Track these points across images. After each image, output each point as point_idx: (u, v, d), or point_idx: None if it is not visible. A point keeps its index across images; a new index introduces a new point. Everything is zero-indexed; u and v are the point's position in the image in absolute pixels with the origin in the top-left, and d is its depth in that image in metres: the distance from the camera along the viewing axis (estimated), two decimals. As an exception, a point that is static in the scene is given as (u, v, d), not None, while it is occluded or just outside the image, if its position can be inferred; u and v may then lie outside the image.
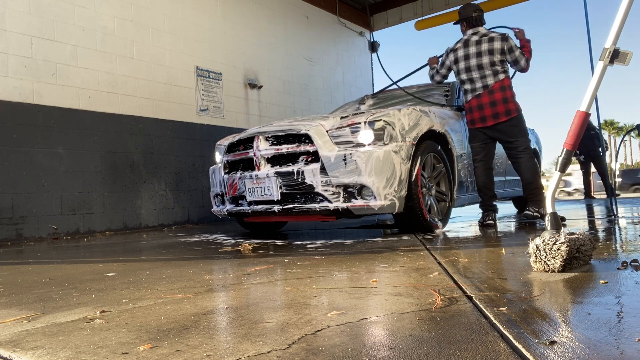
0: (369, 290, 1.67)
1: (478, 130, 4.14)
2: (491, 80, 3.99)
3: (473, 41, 4.05)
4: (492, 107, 4.01)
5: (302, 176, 3.48)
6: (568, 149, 2.09)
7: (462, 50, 4.10)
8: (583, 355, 0.96)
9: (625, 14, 1.99)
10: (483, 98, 4.02)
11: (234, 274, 2.20)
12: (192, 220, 6.52)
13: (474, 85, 4.06)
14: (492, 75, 3.98)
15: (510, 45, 3.97)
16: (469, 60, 4.04)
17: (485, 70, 3.98)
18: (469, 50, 4.05)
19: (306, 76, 8.73)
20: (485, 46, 3.98)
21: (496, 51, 3.96)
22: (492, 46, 3.97)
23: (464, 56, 4.07)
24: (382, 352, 1.03)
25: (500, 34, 4.02)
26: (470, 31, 4.12)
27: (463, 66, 4.08)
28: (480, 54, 3.99)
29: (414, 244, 2.96)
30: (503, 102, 3.99)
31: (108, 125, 5.60)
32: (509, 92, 4.02)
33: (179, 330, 1.27)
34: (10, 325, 1.43)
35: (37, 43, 5.02)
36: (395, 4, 10.17)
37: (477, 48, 4.01)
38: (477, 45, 4.02)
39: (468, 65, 4.05)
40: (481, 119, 4.06)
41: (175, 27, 6.46)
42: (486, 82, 3.99)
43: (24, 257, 3.42)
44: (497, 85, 3.99)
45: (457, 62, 4.13)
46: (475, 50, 4.01)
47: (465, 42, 4.10)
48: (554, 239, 1.86)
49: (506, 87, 4.02)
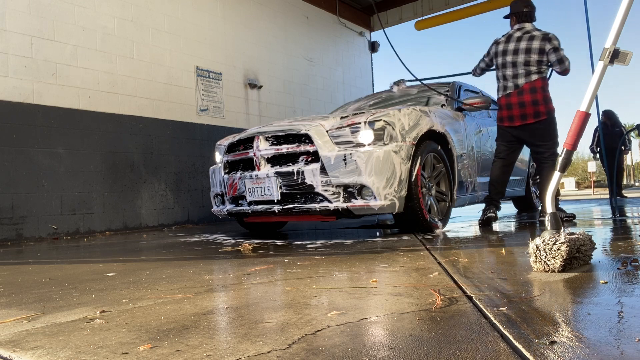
0: (369, 290, 1.67)
1: (505, 129, 4.09)
2: (522, 81, 3.91)
3: (515, 37, 3.96)
4: (520, 107, 3.93)
5: (302, 176, 3.48)
6: (568, 149, 2.09)
7: (503, 44, 4.03)
8: (583, 355, 0.96)
9: (625, 14, 1.99)
10: (512, 97, 3.96)
11: (234, 274, 2.20)
12: (192, 220, 6.52)
13: (506, 83, 4.00)
14: (524, 76, 3.90)
15: (554, 46, 3.83)
16: (506, 57, 3.97)
17: (519, 68, 3.90)
18: (509, 46, 3.97)
19: (306, 76, 8.73)
20: (524, 44, 3.89)
21: (533, 51, 3.85)
22: (530, 45, 3.86)
23: (503, 51, 4.00)
24: (382, 352, 1.03)
25: (543, 34, 3.88)
26: (516, 26, 4.02)
27: (500, 61, 4.02)
28: (517, 52, 3.90)
29: (414, 244, 2.96)
30: (532, 104, 3.89)
31: (108, 125, 5.60)
32: (539, 95, 3.88)
33: (179, 330, 1.27)
34: (10, 325, 1.43)
35: (37, 43, 5.02)
36: (395, 4, 10.17)
37: (516, 45, 3.93)
38: (517, 42, 3.93)
39: (504, 61, 3.98)
40: (509, 118, 4.01)
41: (175, 27, 6.46)
42: (517, 82, 3.93)
43: (24, 257, 3.42)
44: (528, 86, 3.90)
45: (497, 56, 4.07)
46: (514, 47, 3.93)
47: (509, 37, 4.02)
48: (554, 239, 1.86)
49: (537, 89, 3.89)
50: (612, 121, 9.09)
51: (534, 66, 3.89)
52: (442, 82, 5.08)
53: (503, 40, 4.05)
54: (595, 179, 25.36)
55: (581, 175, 36.71)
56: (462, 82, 5.06)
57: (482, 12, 9.18)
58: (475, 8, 9.23)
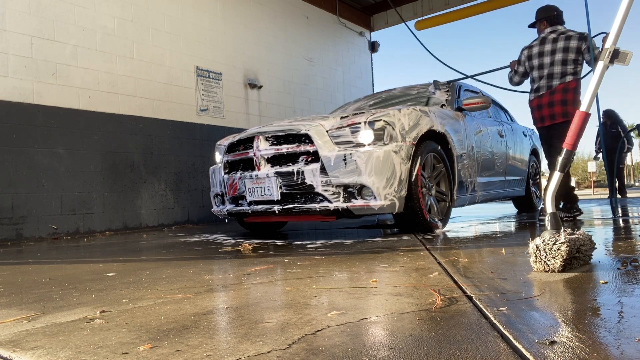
0: (369, 290, 1.67)
1: (540, 131, 4.20)
2: (556, 82, 3.99)
3: (550, 39, 4.04)
4: (549, 107, 3.98)
5: (302, 176, 3.48)
6: (568, 149, 2.09)
7: (537, 47, 4.10)
8: (583, 355, 0.96)
9: (625, 14, 1.99)
10: (543, 98, 4.04)
11: (234, 274, 2.20)
12: (192, 220, 6.52)
13: (540, 84, 4.07)
14: (560, 77, 3.98)
15: (588, 45, 3.92)
16: (543, 58, 4.04)
17: (555, 68, 3.97)
18: (544, 48, 4.05)
19: (306, 76, 8.73)
20: (561, 44, 3.97)
21: (571, 50, 3.93)
22: (568, 44, 3.95)
23: (538, 53, 4.08)
24: (382, 352, 1.03)
25: (579, 33, 3.97)
26: (549, 29, 4.10)
27: (537, 63, 4.09)
28: (555, 52, 3.98)
29: (414, 244, 2.96)
30: (561, 104, 3.94)
31: (108, 125, 5.60)
32: (570, 95, 3.93)
33: (179, 330, 1.27)
34: (10, 325, 1.43)
35: (37, 43, 5.02)
36: (395, 4, 10.17)
37: (552, 46, 4.00)
38: (553, 42, 4.01)
39: (541, 62, 4.06)
40: (540, 119, 4.10)
41: (175, 27, 6.46)
42: (551, 83, 4.01)
43: (24, 257, 3.42)
44: (561, 86, 3.97)
45: (530, 59, 4.14)
46: (551, 48, 4.01)
47: (542, 39, 4.09)
48: (554, 239, 1.86)
49: (569, 90, 3.93)
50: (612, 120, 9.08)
51: (571, 65, 3.95)
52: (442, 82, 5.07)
53: (536, 44, 4.13)
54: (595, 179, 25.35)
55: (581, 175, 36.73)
56: (462, 82, 5.06)
57: (482, 12, 9.19)
58: (475, 8, 9.23)
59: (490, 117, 5.15)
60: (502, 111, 5.94)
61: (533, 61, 4.12)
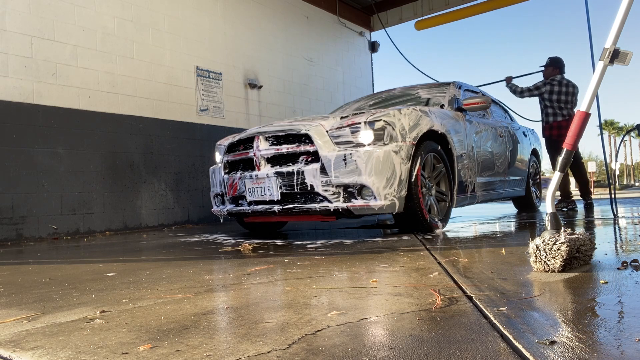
0: (369, 290, 1.67)
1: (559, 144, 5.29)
2: (572, 112, 5.76)
3: (564, 83, 5.86)
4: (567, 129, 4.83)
5: (302, 176, 3.48)
6: (568, 149, 2.09)
7: (557, 86, 5.84)
8: (583, 355, 0.96)
9: (625, 14, 1.99)
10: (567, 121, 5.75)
11: (234, 274, 2.20)
12: (192, 220, 6.52)
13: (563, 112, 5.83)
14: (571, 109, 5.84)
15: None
16: (561, 95, 5.85)
17: (568, 104, 5.84)
18: (562, 89, 5.84)
19: (306, 76, 8.73)
20: (571, 89, 5.86)
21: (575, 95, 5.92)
22: (574, 90, 5.89)
23: (558, 91, 5.85)
24: (382, 352, 1.03)
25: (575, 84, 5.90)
26: (559, 77, 5.90)
27: (556, 98, 5.85)
28: (568, 94, 5.85)
29: (414, 244, 2.96)
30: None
31: (108, 125, 5.60)
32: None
33: (179, 330, 1.27)
34: (10, 325, 1.43)
35: (37, 43, 5.02)
36: (395, 4, 10.17)
37: (566, 89, 5.84)
38: (566, 86, 5.85)
39: (560, 98, 5.85)
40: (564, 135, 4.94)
41: (175, 27, 6.46)
42: (570, 113, 5.81)
43: (24, 257, 3.42)
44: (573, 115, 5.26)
45: (552, 93, 5.84)
46: (566, 90, 5.85)
47: (560, 82, 5.86)
48: (554, 239, 1.86)
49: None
50: None
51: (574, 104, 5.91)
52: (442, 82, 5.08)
53: (556, 83, 5.86)
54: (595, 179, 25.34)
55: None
56: (462, 82, 5.07)
57: (482, 12, 9.18)
58: (475, 8, 9.23)
59: (490, 117, 5.15)
60: (503, 111, 5.95)
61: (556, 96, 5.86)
